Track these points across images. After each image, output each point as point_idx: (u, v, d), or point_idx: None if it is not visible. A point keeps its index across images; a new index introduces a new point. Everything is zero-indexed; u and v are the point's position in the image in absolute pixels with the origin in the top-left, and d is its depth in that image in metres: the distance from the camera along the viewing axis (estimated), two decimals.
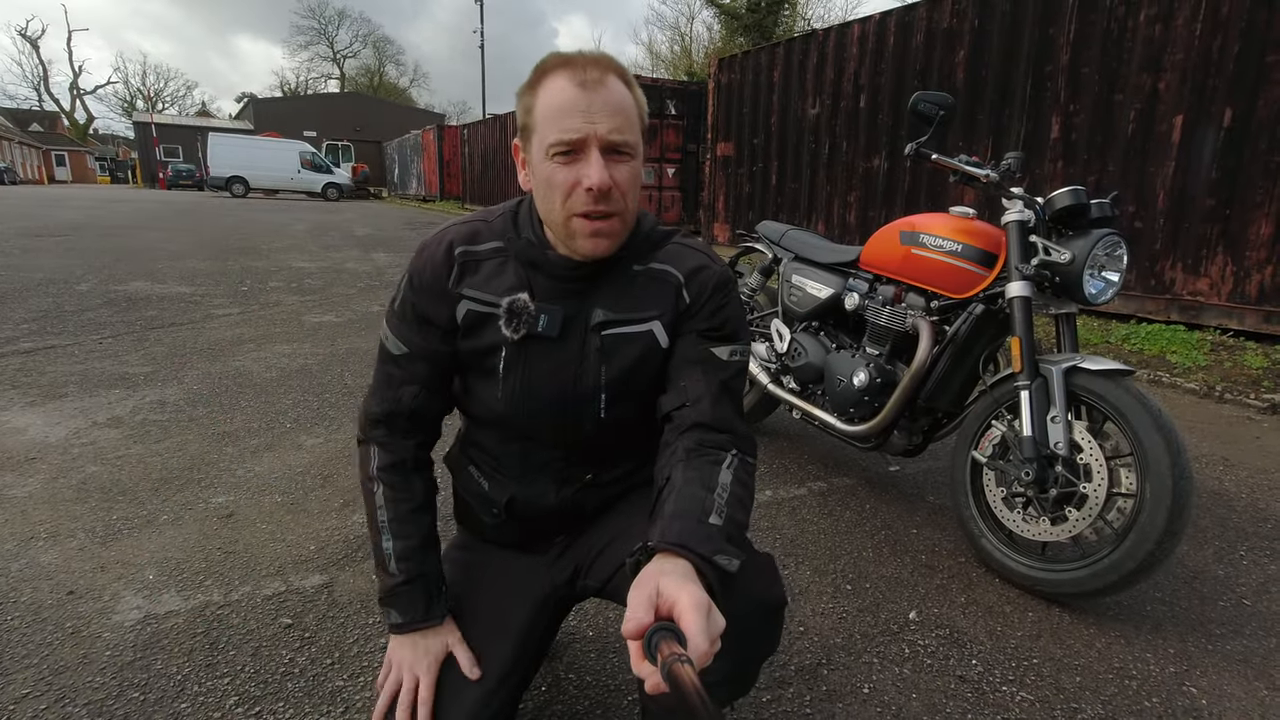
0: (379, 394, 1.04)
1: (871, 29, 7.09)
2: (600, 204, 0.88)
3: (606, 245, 0.93)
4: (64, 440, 2.55)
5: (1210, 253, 4.63)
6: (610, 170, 0.87)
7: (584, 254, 0.94)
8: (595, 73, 0.86)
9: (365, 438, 1.05)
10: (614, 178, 0.88)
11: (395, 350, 1.02)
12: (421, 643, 0.98)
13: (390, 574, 1.01)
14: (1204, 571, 1.97)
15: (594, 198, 0.87)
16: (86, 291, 5.42)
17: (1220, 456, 2.87)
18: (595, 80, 0.86)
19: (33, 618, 1.54)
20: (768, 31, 22.72)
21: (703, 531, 0.79)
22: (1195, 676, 1.52)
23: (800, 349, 2.48)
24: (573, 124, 0.85)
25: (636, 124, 0.91)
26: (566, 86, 0.86)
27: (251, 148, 25.58)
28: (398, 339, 1.02)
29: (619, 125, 0.87)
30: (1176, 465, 1.56)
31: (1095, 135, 5.18)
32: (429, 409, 1.05)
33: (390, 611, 1.00)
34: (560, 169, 0.87)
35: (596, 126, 0.85)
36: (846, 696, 1.42)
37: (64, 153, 52.27)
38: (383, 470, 1.03)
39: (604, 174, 0.86)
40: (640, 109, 0.93)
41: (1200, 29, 4.55)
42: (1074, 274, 1.81)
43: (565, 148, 0.86)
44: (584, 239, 0.92)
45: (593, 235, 0.91)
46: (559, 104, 0.86)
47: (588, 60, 0.88)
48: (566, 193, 0.88)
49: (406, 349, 1.01)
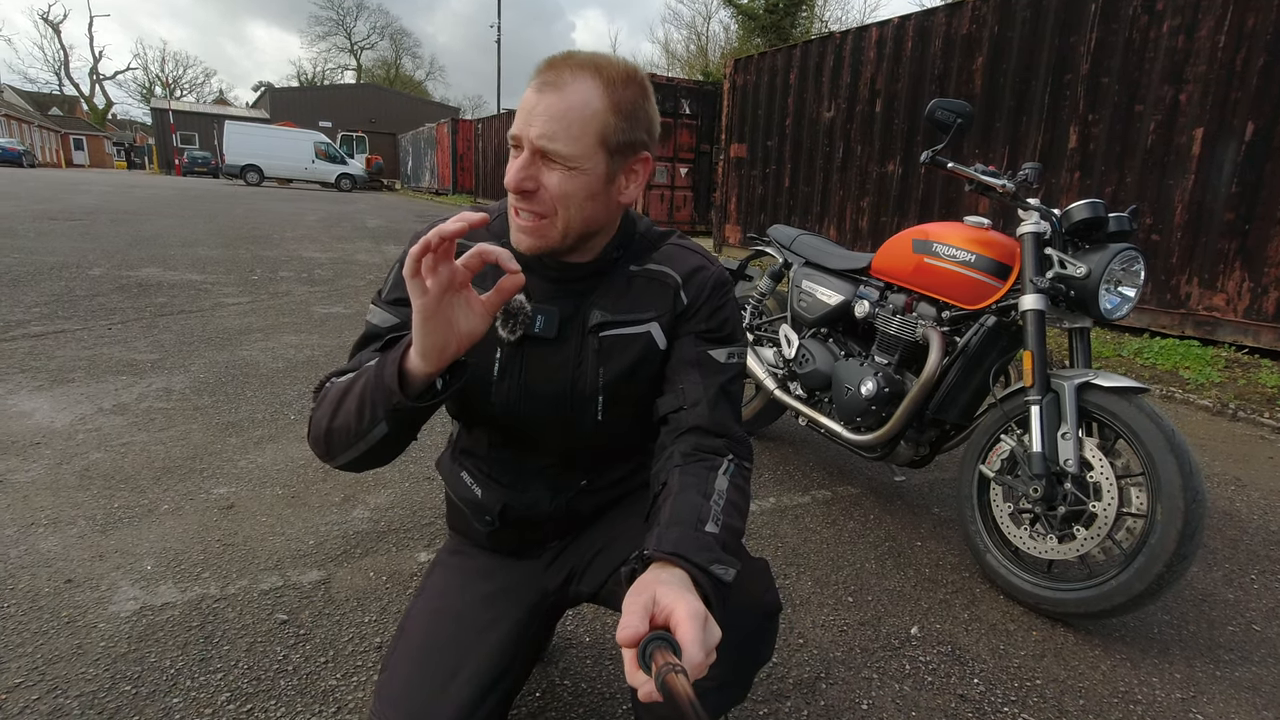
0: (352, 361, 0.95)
1: (890, 33, 7.04)
2: (521, 203, 0.89)
3: (529, 244, 0.91)
4: (69, 426, 2.56)
5: (1228, 268, 4.57)
6: (541, 174, 0.87)
7: (517, 248, 0.92)
8: (565, 74, 0.86)
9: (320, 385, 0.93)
10: (542, 181, 0.87)
11: (382, 323, 0.96)
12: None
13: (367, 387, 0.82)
14: (1213, 594, 1.93)
15: (513, 195, 0.89)
16: (98, 276, 5.45)
17: (1233, 476, 2.82)
18: (551, 83, 0.85)
19: (29, 605, 1.54)
20: (785, 33, 22.65)
21: (699, 540, 0.78)
22: (1202, 704, 1.49)
23: (808, 355, 2.45)
24: (517, 121, 0.87)
25: (587, 135, 0.85)
26: (530, 86, 0.87)
27: (267, 137, 25.69)
28: (387, 313, 0.97)
29: (551, 132, 0.84)
30: (1189, 487, 1.53)
31: (1114, 146, 5.12)
32: None
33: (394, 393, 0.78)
34: (511, 160, 0.90)
35: (529, 129, 0.85)
36: (844, 713, 1.39)
37: (82, 137, 52.70)
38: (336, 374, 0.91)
39: (516, 174, 0.87)
40: (606, 121, 0.86)
41: (1224, 40, 4.48)
42: (1090, 289, 1.78)
43: (512, 143, 0.88)
44: (514, 231, 0.92)
45: (518, 230, 0.91)
46: (522, 100, 0.89)
47: (563, 62, 0.87)
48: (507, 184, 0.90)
49: (396, 319, 0.96)
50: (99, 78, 57.97)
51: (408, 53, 60.58)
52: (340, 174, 25.87)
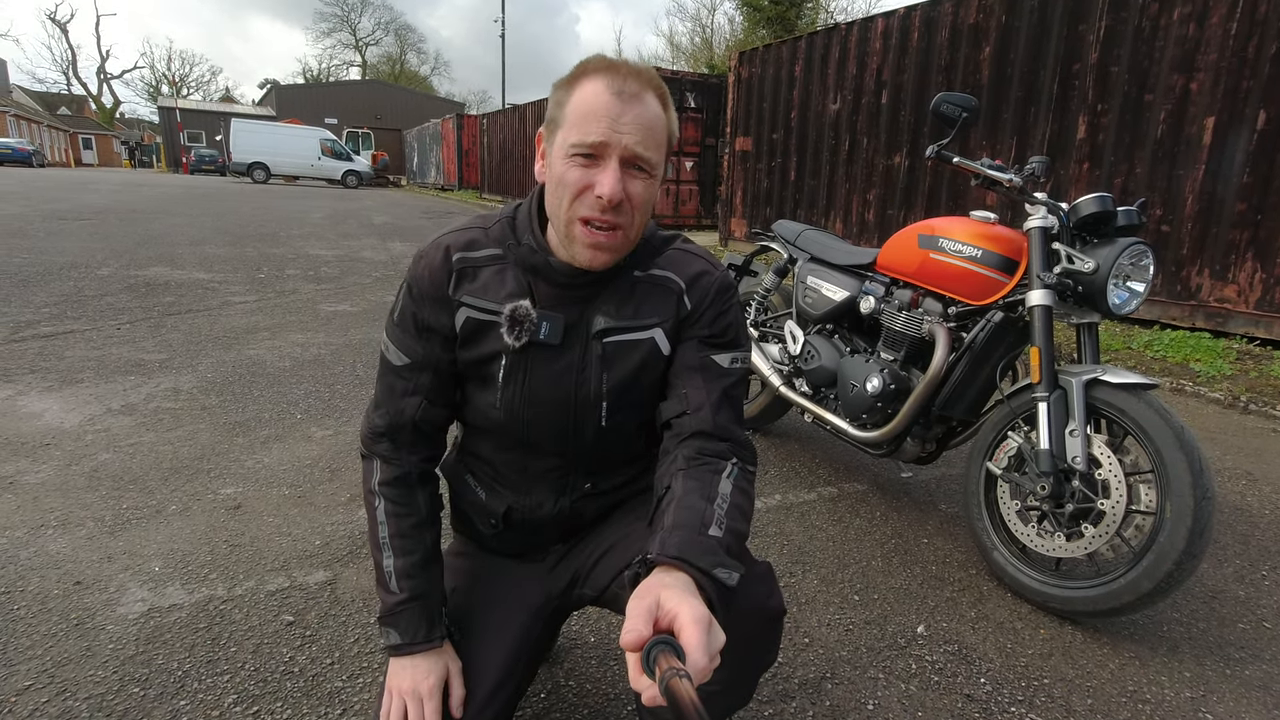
0: (382, 406, 1.02)
1: (896, 24, 6.97)
2: (608, 214, 0.87)
3: (604, 259, 0.92)
4: (78, 426, 2.58)
5: (1239, 259, 4.52)
6: (626, 184, 0.87)
7: (581, 264, 0.93)
8: (634, 85, 0.86)
9: (368, 452, 1.03)
10: (628, 191, 0.87)
11: (397, 361, 1.01)
12: (423, 664, 0.96)
13: (391, 592, 0.98)
14: (1224, 591, 1.91)
15: (603, 206, 0.86)
16: (107, 276, 5.48)
17: (1244, 470, 2.80)
18: (632, 93, 0.86)
19: (39, 607, 1.55)
20: (790, 25, 22.50)
21: (703, 544, 0.78)
22: (1212, 703, 1.48)
23: (814, 352, 2.44)
24: (599, 129, 0.85)
25: (663, 144, 0.91)
26: (603, 91, 0.85)
27: (273, 134, 25.77)
28: (399, 350, 1.00)
29: (644, 140, 0.87)
30: (1199, 484, 1.51)
31: (1123, 136, 5.06)
32: (433, 420, 1.03)
33: (390, 632, 0.97)
34: (576, 169, 0.87)
35: (623, 137, 0.85)
36: (850, 713, 1.39)
37: (91, 136, 52.99)
38: (385, 484, 1.01)
39: (617, 185, 0.85)
40: (670, 131, 0.92)
41: (1236, 28, 4.42)
42: (1098, 284, 1.76)
43: (587, 150, 0.86)
44: (582, 248, 0.90)
45: (591, 246, 0.90)
46: (591, 106, 0.85)
47: (630, 71, 0.87)
48: (576, 194, 0.87)
49: (409, 359, 1.00)
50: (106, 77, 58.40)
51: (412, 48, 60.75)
52: (346, 171, 25.93)
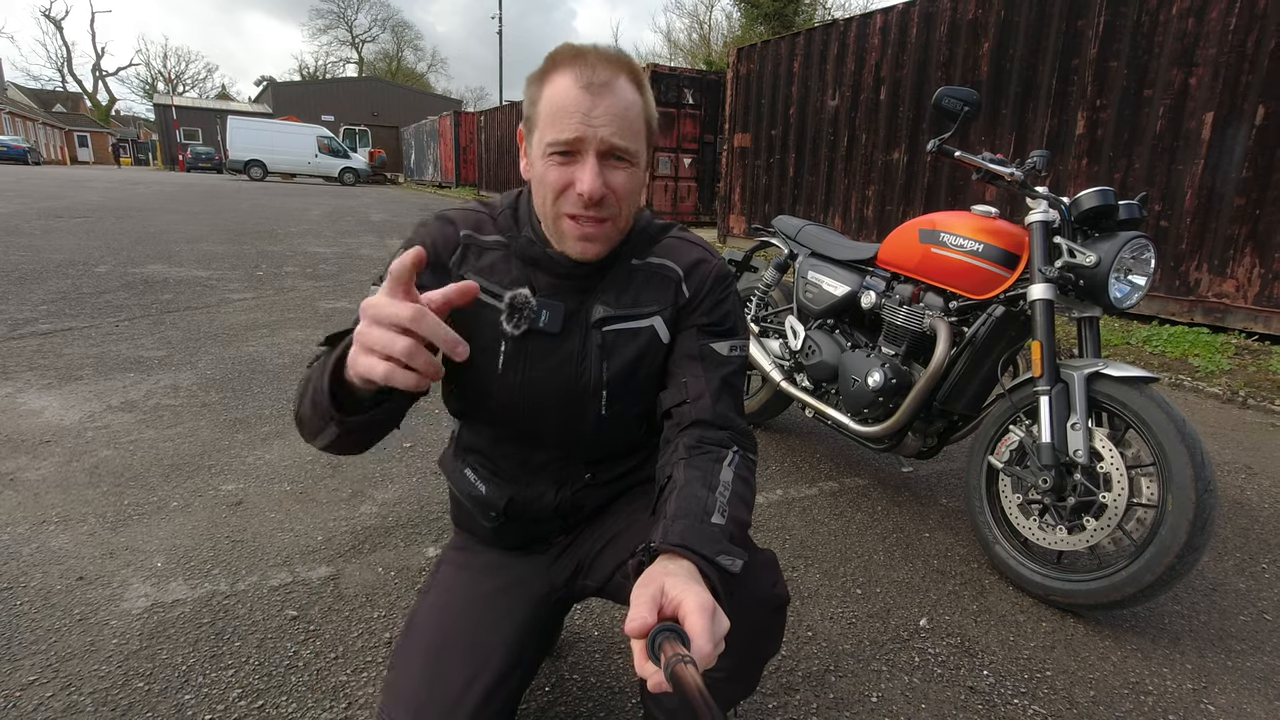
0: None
1: (894, 20, 6.96)
2: (591, 209, 0.87)
3: (596, 250, 0.92)
4: (78, 424, 2.57)
5: (1238, 254, 4.53)
6: (607, 175, 0.86)
7: (573, 256, 0.93)
8: (604, 73, 0.84)
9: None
10: (610, 183, 0.87)
11: None
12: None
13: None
14: (1224, 584, 1.92)
15: (585, 203, 0.86)
16: (105, 274, 5.46)
17: (1243, 465, 2.80)
18: (602, 83, 0.84)
19: (42, 603, 1.55)
20: (788, 20, 22.46)
21: (706, 532, 0.78)
22: (1214, 694, 1.48)
23: (814, 347, 2.44)
24: (572, 125, 0.84)
25: (641, 130, 0.89)
26: (571, 86, 0.84)
27: (270, 132, 25.70)
28: None
29: (620, 130, 0.85)
30: (1200, 477, 1.52)
31: (1122, 131, 5.06)
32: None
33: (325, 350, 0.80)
34: (555, 168, 0.86)
35: (597, 130, 0.84)
36: (854, 705, 1.39)
37: (86, 134, 52.79)
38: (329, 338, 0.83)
39: (596, 180, 0.85)
40: (649, 114, 0.91)
41: (1235, 23, 4.42)
42: (1099, 277, 1.76)
43: (562, 148, 0.85)
44: (572, 242, 0.91)
45: (581, 239, 0.90)
46: (561, 103, 0.84)
47: (599, 58, 0.85)
48: (558, 192, 0.87)
49: None
50: (102, 74, 58.06)
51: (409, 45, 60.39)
52: (344, 168, 25.88)
